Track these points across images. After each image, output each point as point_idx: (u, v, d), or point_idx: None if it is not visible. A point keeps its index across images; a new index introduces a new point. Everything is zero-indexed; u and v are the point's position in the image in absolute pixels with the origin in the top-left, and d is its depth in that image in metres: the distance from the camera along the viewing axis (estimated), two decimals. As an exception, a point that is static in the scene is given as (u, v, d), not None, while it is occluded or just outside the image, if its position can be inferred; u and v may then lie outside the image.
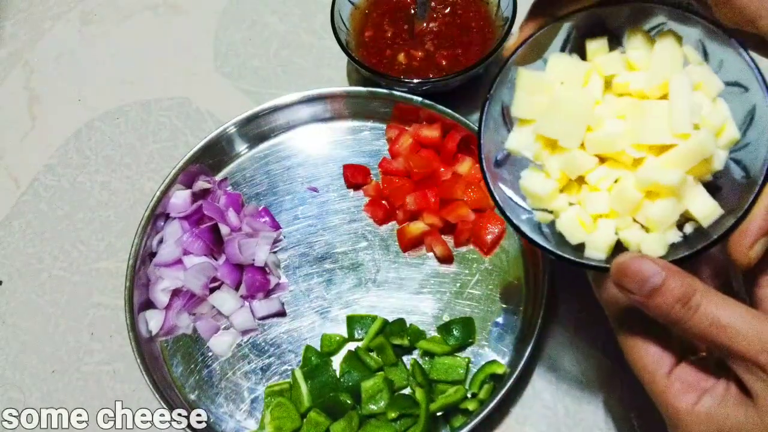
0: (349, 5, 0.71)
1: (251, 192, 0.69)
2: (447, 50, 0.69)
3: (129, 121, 0.77)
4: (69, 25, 0.85)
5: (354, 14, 0.72)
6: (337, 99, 0.70)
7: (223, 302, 0.63)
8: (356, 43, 0.71)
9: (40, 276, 0.69)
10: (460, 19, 0.71)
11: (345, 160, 0.70)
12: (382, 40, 0.71)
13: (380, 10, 0.73)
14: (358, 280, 0.64)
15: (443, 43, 0.70)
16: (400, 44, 0.70)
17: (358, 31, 0.72)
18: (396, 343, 0.59)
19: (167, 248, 0.64)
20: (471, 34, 0.70)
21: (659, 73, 0.41)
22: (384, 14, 0.72)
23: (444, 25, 0.71)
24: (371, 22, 0.72)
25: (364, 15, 0.72)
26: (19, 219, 0.72)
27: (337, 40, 0.67)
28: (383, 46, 0.70)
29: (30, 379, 0.64)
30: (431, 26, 0.71)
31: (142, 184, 0.73)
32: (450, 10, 0.71)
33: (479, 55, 0.67)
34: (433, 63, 0.69)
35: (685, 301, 0.32)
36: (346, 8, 0.71)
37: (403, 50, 0.70)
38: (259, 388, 0.61)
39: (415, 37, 0.70)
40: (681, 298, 0.32)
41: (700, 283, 0.33)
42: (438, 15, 0.71)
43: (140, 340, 0.60)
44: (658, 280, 0.33)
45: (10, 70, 0.82)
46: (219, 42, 0.81)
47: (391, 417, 0.55)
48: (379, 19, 0.72)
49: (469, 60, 0.68)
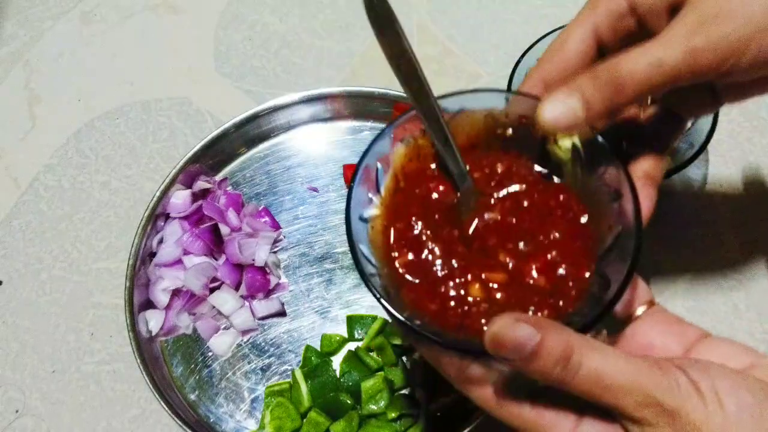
0: (364, 226, 0.41)
1: (251, 192, 0.70)
2: (535, 258, 0.39)
3: (129, 121, 0.77)
4: (69, 25, 0.85)
5: (374, 239, 0.41)
6: (337, 99, 0.70)
7: (223, 302, 0.63)
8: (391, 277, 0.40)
9: (40, 276, 0.69)
10: (527, 198, 0.41)
11: (345, 160, 0.70)
12: (427, 266, 0.40)
13: (403, 218, 0.42)
14: (358, 280, 0.64)
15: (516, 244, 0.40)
16: (461, 265, 0.39)
17: (384, 258, 0.41)
18: (396, 343, 0.59)
19: (167, 248, 0.64)
20: (555, 220, 0.41)
21: None
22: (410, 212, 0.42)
23: (508, 211, 0.41)
24: (399, 240, 0.41)
25: (384, 230, 0.42)
26: (19, 219, 0.72)
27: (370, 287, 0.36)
28: (432, 276, 0.39)
29: (30, 379, 0.64)
30: (488, 216, 0.41)
31: (142, 184, 0.73)
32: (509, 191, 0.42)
33: (586, 252, 0.39)
34: (523, 287, 0.38)
35: (564, 363, 0.30)
36: (361, 232, 0.40)
37: (473, 275, 0.39)
38: (259, 388, 0.61)
39: (471, 243, 0.40)
40: (560, 360, 0.30)
41: (577, 336, 0.31)
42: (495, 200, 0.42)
43: (140, 340, 0.60)
44: (534, 342, 0.30)
45: (10, 70, 0.82)
46: (219, 42, 0.81)
47: (391, 417, 0.55)
48: (407, 231, 0.41)
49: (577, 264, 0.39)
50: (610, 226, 0.38)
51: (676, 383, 0.30)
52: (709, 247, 0.64)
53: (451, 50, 0.77)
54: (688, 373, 0.31)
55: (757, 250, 0.63)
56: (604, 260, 0.38)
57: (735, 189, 0.66)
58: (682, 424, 0.30)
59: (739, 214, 0.65)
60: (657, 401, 0.30)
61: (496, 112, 0.42)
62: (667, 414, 0.30)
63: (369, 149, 0.40)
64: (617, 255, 0.37)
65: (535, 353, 0.30)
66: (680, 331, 0.35)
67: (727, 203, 0.65)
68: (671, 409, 0.30)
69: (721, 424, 0.29)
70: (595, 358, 0.30)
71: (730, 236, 0.64)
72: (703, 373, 0.31)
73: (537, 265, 0.39)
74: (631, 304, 0.37)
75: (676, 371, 0.31)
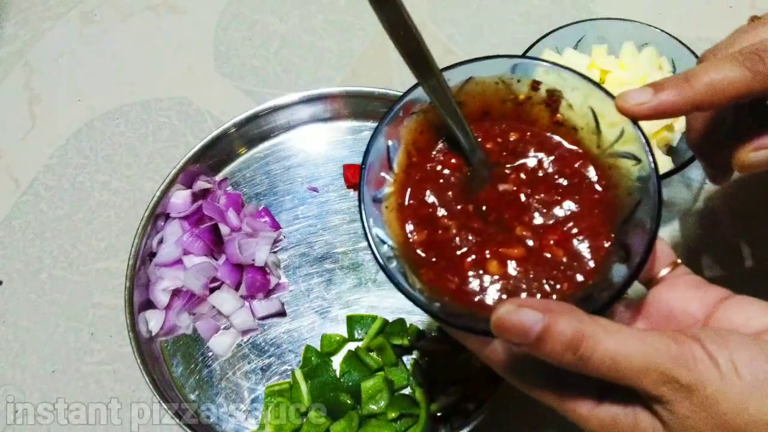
0: (378, 207, 0.40)
1: (251, 192, 0.69)
2: (553, 230, 0.39)
3: (129, 121, 0.77)
4: (69, 25, 0.85)
5: (389, 218, 0.40)
6: (337, 99, 0.70)
7: (223, 302, 0.63)
8: (409, 257, 0.39)
9: (40, 276, 0.69)
10: (541, 167, 0.41)
11: (345, 160, 0.70)
12: (444, 243, 0.39)
13: (417, 194, 0.41)
14: (358, 280, 0.64)
15: (533, 216, 0.40)
16: (478, 241, 0.39)
17: (400, 237, 0.40)
18: (396, 343, 0.59)
19: (167, 248, 0.64)
20: (572, 188, 0.40)
21: (641, 70, 0.61)
22: (423, 188, 0.41)
23: (523, 182, 0.41)
24: (414, 218, 0.41)
25: (399, 207, 0.41)
26: (19, 219, 0.72)
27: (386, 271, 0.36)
28: (449, 253, 0.39)
29: (30, 379, 0.64)
30: (502, 188, 0.40)
31: (142, 184, 0.73)
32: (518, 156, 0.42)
33: (605, 221, 0.38)
34: (542, 261, 0.38)
35: (575, 348, 0.30)
36: (376, 214, 0.39)
37: (490, 251, 0.39)
38: (259, 388, 0.61)
39: (487, 216, 0.40)
40: (570, 345, 0.30)
41: (587, 318, 0.31)
42: (508, 170, 0.41)
43: (140, 340, 0.60)
44: (540, 327, 0.30)
45: (10, 70, 0.82)
46: (219, 42, 0.81)
47: (391, 417, 0.55)
48: (422, 208, 0.41)
49: (595, 233, 0.38)
50: (629, 191, 0.38)
51: (692, 357, 0.30)
52: (709, 248, 0.64)
53: (451, 50, 0.77)
54: (704, 345, 0.31)
55: (758, 251, 0.63)
56: (623, 228, 0.37)
57: (735, 189, 0.66)
58: (699, 398, 0.30)
59: (739, 214, 0.65)
60: (674, 377, 0.30)
61: (507, 78, 0.41)
62: (685, 389, 0.30)
63: (377, 131, 0.39)
64: (638, 222, 0.36)
65: (542, 338, 0.30)
66: (702, 294, 0.35)
67: (727, 203, 0.65)
68: (688, 384, 0.30)
69: (739, 393, 0.30)
70: (609, 342, 0.31)
71: (729, 236, 0.64)
72: (720, 343, 0.31)
73: (555, 237, 0.38)
74: (652, 266, 0.37)
75: (692, 344, 0.31)
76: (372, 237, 0.37)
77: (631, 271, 0.34)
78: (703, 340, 0.31)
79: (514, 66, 0.41)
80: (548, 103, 0.41)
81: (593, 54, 0.64)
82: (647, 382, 0.30)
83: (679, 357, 0.30)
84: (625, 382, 0.31)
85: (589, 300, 0.35)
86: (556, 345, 0.30)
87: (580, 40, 0.65)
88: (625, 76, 0.61)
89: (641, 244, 0.34)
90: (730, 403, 0.30)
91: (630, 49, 0.63)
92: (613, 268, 0.36)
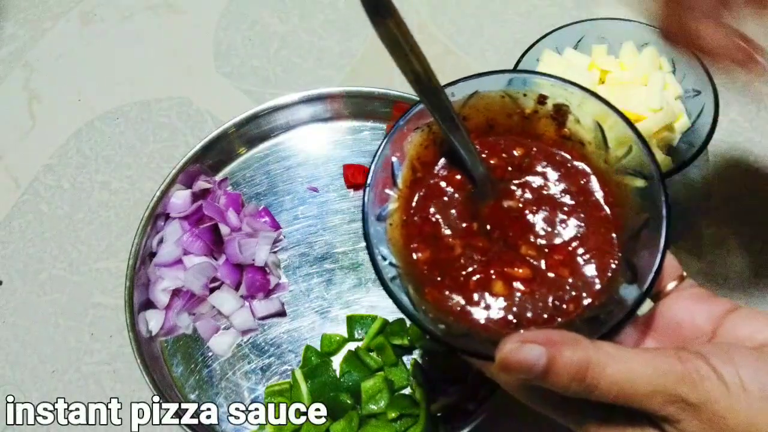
0: (382, 226, 0.39)
1: (251, 192, 0.69)
2: (559, 249, 0.38)
3: (129, 121, 0.77)
4: (69, 25, 0.85)
5: (393, 236, 0.40)
6: (337, 99, 0.70)
7: (223, 302, 0.63)
8: (413, 276, 0.39)
9: (40, 276, 0.69)
10: (547, 184, 0.40)
11: (345, 160, 0.70)
12: (448, 262, 0.39)
13: (421, 210, 0.41)
14: (358, 280, 0.64)
15: (538, 234, 0.39)
16: (483, 261, 0.39)
17: (405, 256, 0.40)
18: (396, 343, 0.59)
19: (167, 248, 0.64)
20: (578, 206, 0.39)
21: (641, 70, 0.61)
22: (427, 204, 0.41)
23: (528, 199, 0.40)
24: (418, 236, 0.40)
25: (403, 224, 0.41)
26: (19, 219, 0.72)
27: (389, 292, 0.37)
28: (454, 273, 0.39)
29: (30, 379, 0.64)
30: (507, 204, 0.40)
31: (142, 184, 0.73)
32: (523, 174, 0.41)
33: (611, 239, 0.38)
34: (547, 281, 0.38)
35: (581, 379, 0.30)
36: (380, 233, 0.39)
37: (495, 271, 0.38)
38: (259, 388, 0.61)
39: (491, 234, 0.39)
40: (575, 376, 0.30)
41: (591, 346, 0.31)
42: (513, 187, 0.41)
43: (140, 340, 0.60)
44: (544, 362, 0.30)
45: (10, 70, 0.82)
46: (219, 42, 0.81)
47: (391, 417, 0.55)
48: (426, 225, 0.40)
49: (601, 253, 0.38)
50: (636, 210, 0.37)
51: (698, 374, 0.30)
52: (709, 248, 0.64)
53: (451, 50, 0.77)
54: (709, 361, 0.31)
55: (758, 251, 0.63)
56: (630, 246, 0.37)
57: (735, 189, 0.66)
58: (708, 415, 0.30)
59: (740, 214, 0.65)
60: (681, 397, 0.30)
61: (513, 92, 0.41)
62: (692, 407, 0.30)
63: (380, 149, 0.39)
64: (645, 241, 0.36)
65: (548, 371, 0.30)
66: (709, 306, 0.35)
67: (727, 203, 0.65)
68: (695, 402, 0.30)
69: (747, 408, 0.30)
70: (614, 369, 0.30)
71: (729, 237, 0.64)
72: (725, 359, 0.31)
73: (560, 257, 0.38)
74: (660, 281, 0.37)
75: (697, 361, 0.31)
76: (376, 257, 0.37)
77: (641, 292, 0.34)
78: (708, 356, 0.31)
79: (524, 80, 0.40)
80: (555, 117, 0.41)
81: (593, 54, 0.64)
82: (655, 404, 0.30)
83: (684, 376, 0.30)
84: (634, 405, 0.31)
85: (596, 321, 0.35)
86: (562, 377, 0.30)
87: (580, 40, 0.64)
88: (625, 76, 0.61)
89: (649, 264, 0.34)
90: (739, 418, 0.30)
91: (630, 49, 0.63)
92: (619, 288, 0.36)
